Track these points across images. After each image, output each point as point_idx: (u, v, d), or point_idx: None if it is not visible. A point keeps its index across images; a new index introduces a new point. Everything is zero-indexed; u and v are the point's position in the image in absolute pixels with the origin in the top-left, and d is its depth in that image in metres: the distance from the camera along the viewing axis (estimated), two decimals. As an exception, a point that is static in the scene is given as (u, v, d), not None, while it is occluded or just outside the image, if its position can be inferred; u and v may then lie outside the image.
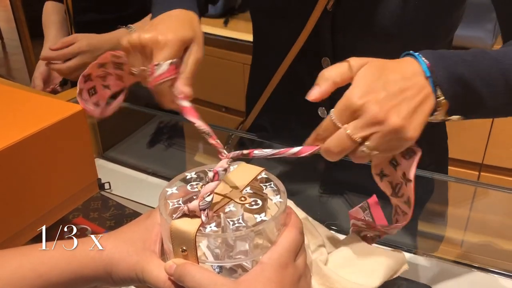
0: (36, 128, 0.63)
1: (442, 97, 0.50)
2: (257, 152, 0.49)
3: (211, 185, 0.44)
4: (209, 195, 0.43)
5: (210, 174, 0.45)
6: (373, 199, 0.61)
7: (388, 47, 0.71)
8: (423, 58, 0.51)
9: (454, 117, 0.53)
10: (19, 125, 0.64)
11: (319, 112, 0.82)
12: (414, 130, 0.48)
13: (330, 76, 0.50)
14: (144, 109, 1.11)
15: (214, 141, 0.51)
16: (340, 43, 0.75)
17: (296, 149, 0.50)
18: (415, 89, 0.49)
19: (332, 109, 0.49)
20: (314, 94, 0.50)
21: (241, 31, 1.97)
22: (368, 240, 0.64)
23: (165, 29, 0.58)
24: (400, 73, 0.50)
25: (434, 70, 0.50)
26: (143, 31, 0.59)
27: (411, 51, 0.53)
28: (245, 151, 0.49)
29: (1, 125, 0.64)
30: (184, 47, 0.60)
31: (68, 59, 1.07)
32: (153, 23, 0.62)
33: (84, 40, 1.07)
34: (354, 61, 0.50)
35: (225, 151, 0.49)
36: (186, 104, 0.56)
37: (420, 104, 0.49)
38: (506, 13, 0.67)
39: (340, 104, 0.48)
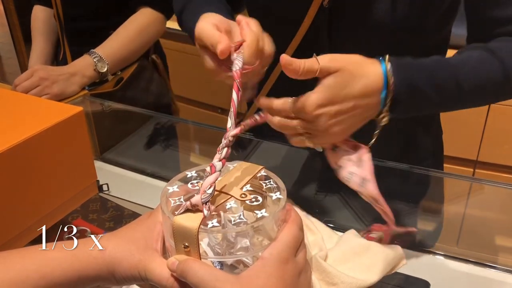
0: (35, 130, 0.63)
1: (386, 114, 0.60)
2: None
3: (211, 178, 0.44)
4: (210, 188, 0.43)
5: (208, 169, 0.45)
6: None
7: (383, 41, 0.72)
8: (388, 67, 0.58)
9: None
10: (18, 127, 0.64)
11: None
12: (339, 138, 0.61)
13: (300, 64, 0.55)
14: (141, 111, 1.11)
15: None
16: (337, 39, 0.76)
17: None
18: (365, 108, 0.59)
19: (294, 98, 0.57)
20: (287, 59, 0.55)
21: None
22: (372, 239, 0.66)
23: None
24: (362, 88, 0.57)
25: (392, 81, 0.58)
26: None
27: (381, 57, 0.59)
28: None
29: (0, 128, 0.64)
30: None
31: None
32: None
33: (41, 70, 1.07)
34: (324, 62, 0.56)
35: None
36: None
37: (360, 121, 0.59)
38: (475, 15, 0.72)
39: (301, 103, 0.57)
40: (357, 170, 0.62)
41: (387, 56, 0.59)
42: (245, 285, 0.41)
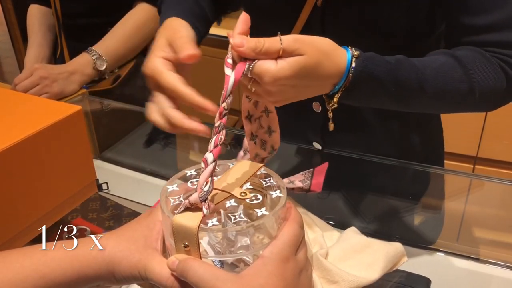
0: (34, 129, 0.63)
1: (336, 97, 0.59)
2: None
3: (205, 173, 0.43)
4: (206, 185, 0.43)
5: (202, 165, 0.44)
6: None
7: (377, 42, 0.72)
8: (352, 62, 0.58)
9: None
10: (17, 126, 0.64)
11: (313, 107, 0.83)
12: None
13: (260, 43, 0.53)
14: (140, 109, 1.11)
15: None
16: (331, 39, 0.75)
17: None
18: (316, 88, 0.58)
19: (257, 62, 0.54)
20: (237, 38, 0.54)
21: (235, 29, 1.98)
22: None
23: None
24: (321, 77, 0.56)
25: (354, 66, 0.57)
26: None
27: (348, 47, 0.59)
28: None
29: (0, 127, 0.64)
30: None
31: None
32: None
33: (41, 69, 1.06)
34: (288, 42, 0.53)
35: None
36: None
37: (306, 95, 0.58)
38: (448, 20, 0.71)
39: (260, 70, 0.53)
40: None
41: (353, 49, 0.58)
42: (245, 284, 0.41)
